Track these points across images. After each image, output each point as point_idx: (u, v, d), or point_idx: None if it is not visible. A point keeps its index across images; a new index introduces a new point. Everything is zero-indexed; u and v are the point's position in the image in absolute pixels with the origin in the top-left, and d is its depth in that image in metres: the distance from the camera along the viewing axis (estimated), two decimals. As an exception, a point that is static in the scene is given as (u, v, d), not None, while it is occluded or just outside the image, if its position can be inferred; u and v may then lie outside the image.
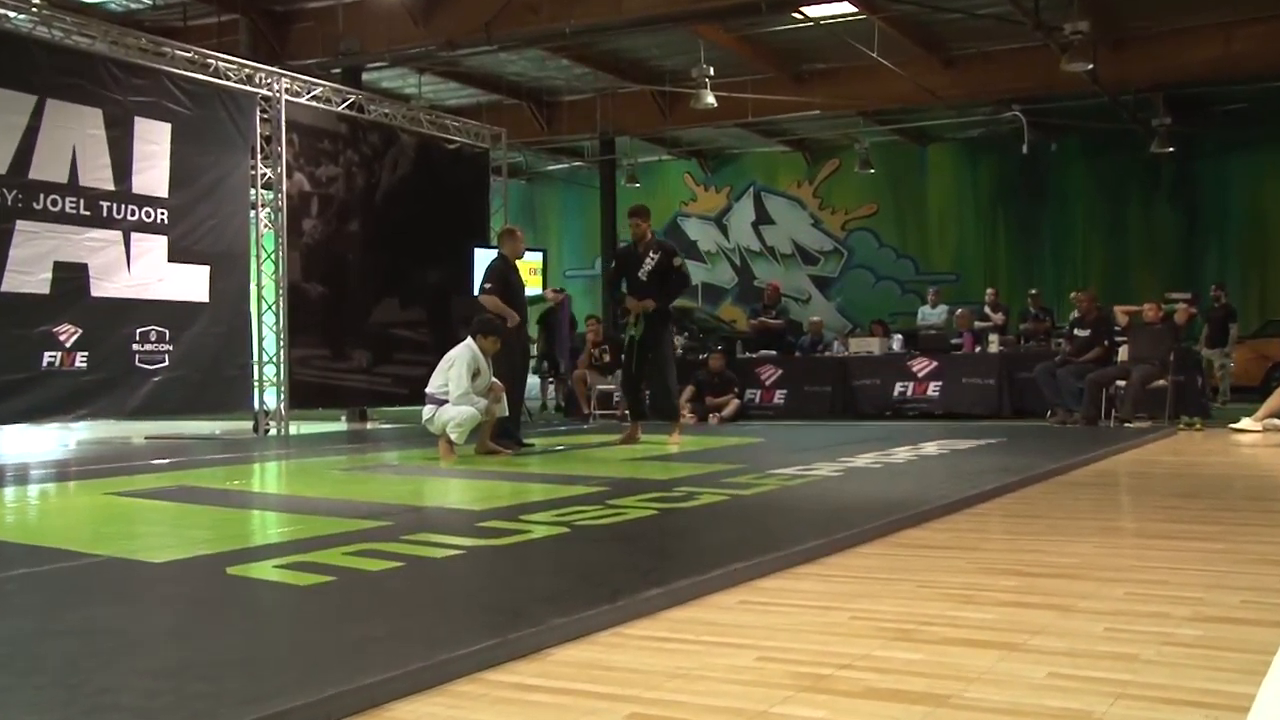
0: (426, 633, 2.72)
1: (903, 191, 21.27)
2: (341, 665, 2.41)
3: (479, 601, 3.16)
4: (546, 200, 24.07)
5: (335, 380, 12.27)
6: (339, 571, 3.46)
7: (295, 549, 3.89)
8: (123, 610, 3.05)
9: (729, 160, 22.83)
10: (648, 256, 8.92)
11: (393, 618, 2.89)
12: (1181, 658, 2.55)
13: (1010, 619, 2.92)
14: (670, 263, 8.90)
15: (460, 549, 3.88)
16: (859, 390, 12.97)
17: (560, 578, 3.43)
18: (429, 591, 3.25)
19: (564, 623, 2.78)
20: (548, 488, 5.97)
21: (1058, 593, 3.23)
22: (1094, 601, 3.11)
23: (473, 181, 14.30)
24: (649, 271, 8.88)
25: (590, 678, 2.47)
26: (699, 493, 5.39)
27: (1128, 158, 19.20)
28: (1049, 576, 3.47)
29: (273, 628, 2.92)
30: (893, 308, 20.00)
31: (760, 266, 22.40)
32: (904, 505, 4.85)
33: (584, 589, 3.19)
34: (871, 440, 8.97)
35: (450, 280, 13.48)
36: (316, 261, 12.14)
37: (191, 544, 4.11)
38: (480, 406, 7.78)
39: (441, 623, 2.84)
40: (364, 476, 6.99)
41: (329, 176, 12.33)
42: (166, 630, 2.86)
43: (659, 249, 8.97)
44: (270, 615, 3.07)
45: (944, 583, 3.38)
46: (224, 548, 3.99)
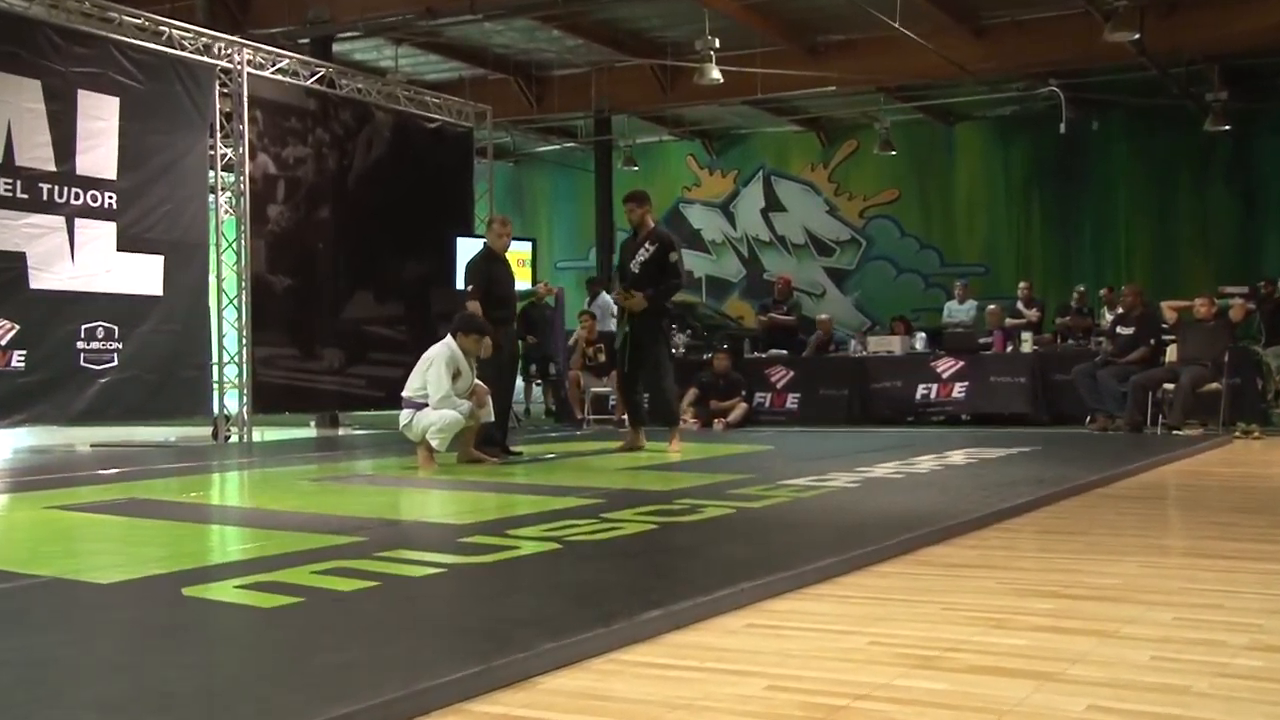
0: (404, 659, 2.71)
1: (927, 175, 21.28)
2: (309, 696, 2.41)
3: (461, 625, 3.15)
4: (536, 184, 24.06)
5: (304, 382, 12.26)
6: (307, 592, 3.46)
7: (259, 567, 3.88)
8: (66, 637, 3.04)
9: (736, 141, 22.83)
10: (643, 246, 8.92)
11: (366, 643, 2.89)
12: (1238, 690, 2.55)
13: (1045, 646, 2.92)
14: (665, 255, 8.91)
15: (441, 567, 3.87)
16: (878, 393, 12.97)
17: (550, 598, 3.43)
18: (406, 614, 3.25)
19: (554, 648, 2.77)
20: (537, 500, 5.96)
21: (1098, 617, 3.23)
22: (1139, 627, 3.11)
23: (455, 164, 14.30)
24: (643, 262, 8.89)
25: (583, 708, 2.46)
26: (703, 505, 5.39)
27: (1178, 136, 19.19)
28: (1089, 599, 3.47)
29: (233, 655, 2.92)
30: (916, 303, 19.98)
31: (770, 258, 22.41)
32: (927, 520, 4.85)
33: (576, 611, 3.18)
34: (892, 448, 8.97)
35: (430, 272, 13.48)
36: (283, 251, 12.14)
37: (143, 563, 4.10)
38: (463, 410, 7.78)
39: (420, 648, 2.84)
40: (335, 488, 6.98)
41: (296, 158, 12.33)
42: (115, 659, 2.85)
43: (656, 239, 8.97)
44: (231, 641, 3.06)
45: (972, 605, 3.38)
46: (179, 566, 3.98)
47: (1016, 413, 12.30)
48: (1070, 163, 20.00)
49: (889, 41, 15.97)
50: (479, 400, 8.00)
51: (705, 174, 23.07)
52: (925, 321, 17.43)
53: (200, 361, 11.11)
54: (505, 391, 8.75)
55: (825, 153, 22.09)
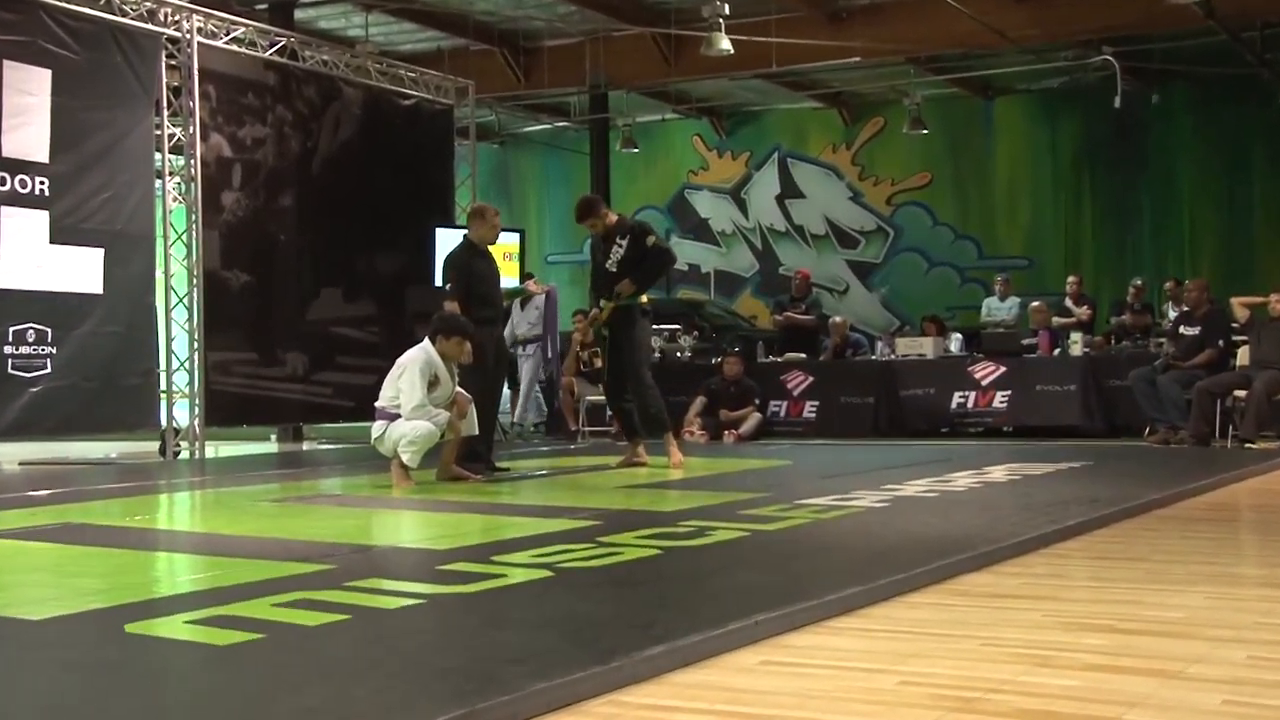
0: (375, 702, 2.70)
1: (963, 157, 21.29)
2: (268, 743, 2.39)
3: (441, 663, 3.15)
4: (524, 169, 24.09)
5: (263, 390, 12.27)
6: (268, 627, 3.45)
7: (213, 600, 3.87)
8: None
9: (748, 120, 22.85)
10: (615, 242, 8.98)
11: (335, 684, 2.88)
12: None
13: (1099, 687, 2.91)
14: (643, 244, 8.96)
15: (418, 598, 3.87)
16: (908, 402, 12.98)
17: (541, 633, 3.42)
18: (379, 651, 3.24)
19: (546, 688, 2.76)
20: (526, 522, 5.95)
21: (1160, 655, 3.22)
22: (1207, 666, 3.10)
23: (433, 146, 14.31)
24: (620, 260, 8.95)
25: (578, 758, 2.45)
26: (711, 528, 5.39)
27: (1250, 110, 19.18)
28: (1148, 634, 3.46)
29: (183, 699, 2.91)
30: (950, 300, 20.00)
31: (786, 250, 22.42)
32: (965, 544, 4.85)
33: (570, 647, 3.18)
34: (924, 463, 8.96)
35: (406, 268, 13.49)
36: (239, 244, 12.14)
37: (80, 596, 4.10)
38: (439, 422, 7.79)
39: (394, 690, 2.83)
40: (299, 509, 6.97)
41: (254, 139, 12.34)
42: (49, 704, 2.84)
43: (626, 232, 9.02)
44: (181, 683, 3.05)
45: (1015, 640, 3.37)
46: (122, 600, 3.97)
47: (1065, 424, 12.29)
48: (1126, 141, 20.01)
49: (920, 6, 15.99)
50: (460, 411, 7.99)
51: (714, 156, 23.09)
52: (961, 321, 17.43)
53: (145, 368, 11.12)
54: (490, 401, 8.75)
55: (848, 132, 22.10)
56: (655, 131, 22.76)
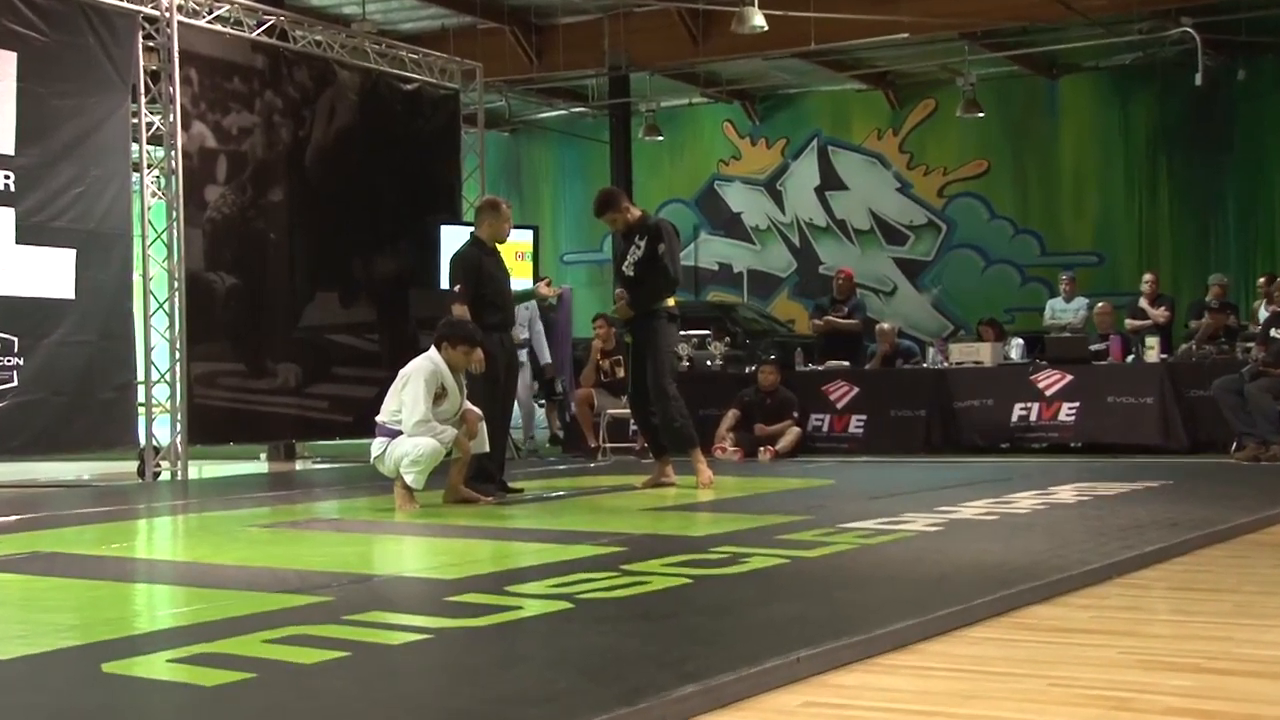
0: (377, 749, 2.71)
1: (1024, 142, 21.25)
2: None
3: (449, 704, 3.15)
4: (537, 159, 24.15)
5: (252, 405, 12.31)
6: (259, 665, 3.46)
7: (198, 636, 3.88)
8: (-39, 721, 3.05)
9: (784, 104, 22.85)
10: (634, 243, 9.00)
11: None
12: None
13: (1182, 729, 2.90)
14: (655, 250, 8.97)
15: (424, 632, 3.87)
16: (964, 414, 12.94)
17: (559, 671, 3.42)
18: (381, 691, 3.24)
19: (565, 734, 2.76)
20: (542, 548, 5.95)
21: (1252, 698, 3.19)
22: (1304, 708, 3.08)
23: (438, 135, 14.35)
24: (636, 261, 8.98)
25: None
26: (747, 554, 5.39)
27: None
28: (1239, 674, 3.44)
29: (166, 743, 2.92)
30: (1010, 301, 19.96)
31: (827, 247, 22.42)
32: (1029, 572, 4.83)
33: (591, 686, 3.17)
34: (982, 482, 8.93)
35: (409, 269, 13.52)
36: (225, 243, 12.19)
37: (53, 632, 4.11)
38: (445, 438, 7.80)
39: (397, 735, 2.83)
40: (292, 535, 6.98)
41: (241, 128, 12.40)
42: (21, 747, 2.86)
43: (644, 232, 9.04)
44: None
45: (1087, 681, 3.35)
46: (98, 636, 3.98)
47: (1141, 439, 12.22)
48: (1208, 122, 19.92)
49: (975, -24, 15.97)
50: (470, 427, 8.01)
51: (746, 144, 23.10)
52: (1022, 325, 17.37)
53: (122, 380, 11.15)
54: (502, 415, 8.76)
55: (895, 116, 22.08)
56: (682, 117, 22.79)
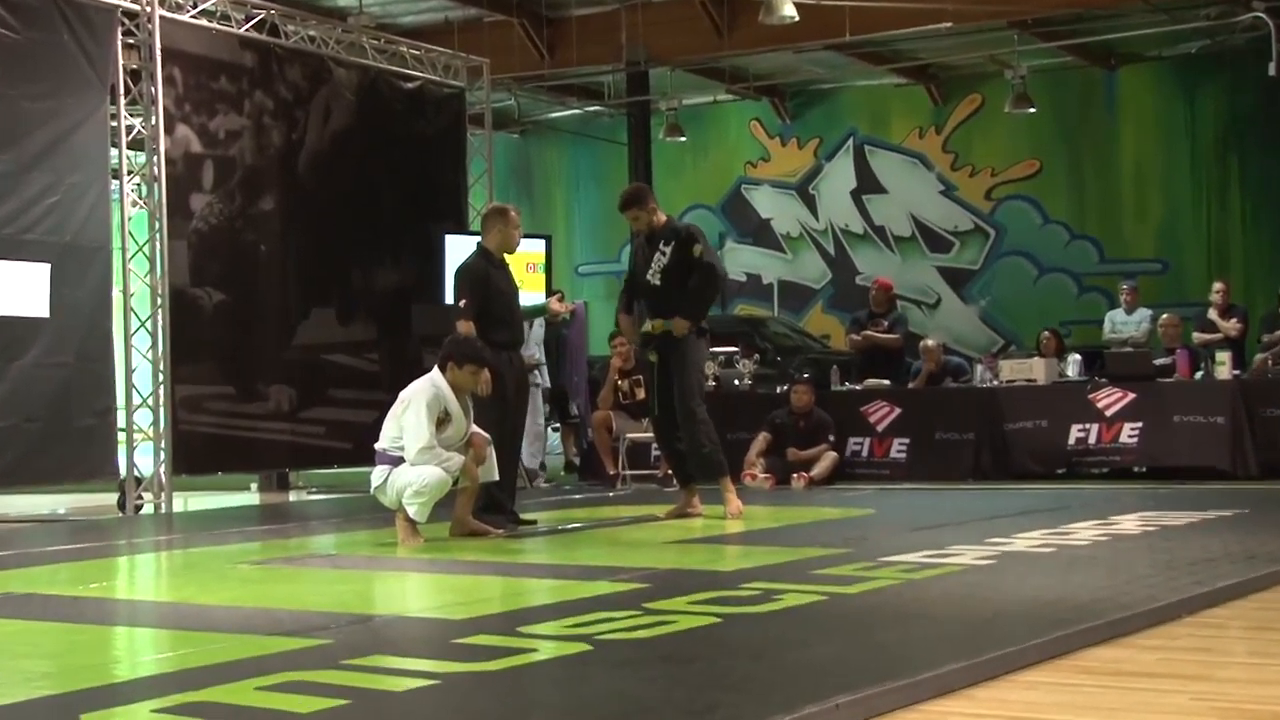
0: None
1: (1080, 140, 21.18)
2: None
3: (457, 757, 3.15)
4: (550, 162, 24.17)
5: (242, 431, 12.32)
6: (252, 715, 3.46)
7: (185, 683, 3.89)
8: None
9: (817, 100, 22.84)
10: (658, 250, 8.99)
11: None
12: None
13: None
14: (689, 254, 8.95)
15: (430, 678, 3.87)
16: (1016, 437, 12.89)
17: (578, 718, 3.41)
18: (383, 743, 3.25)
19: (584, 788, 2.76)
20: (557, 585, 5.97)
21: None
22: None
23: (442, 137, 14.37)
24: (664, 269, 8.95)
25: None
26: (780, 591, 5.39)
27: None
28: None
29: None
30: (1065, 313, 19.86)
31: (865, 255, 22.37)
32: (1089, 610, 4.82)
33: (613, 737, 3.17)
34: (1037, 511, 8.91)
35: (411, 283, 13.53)
36: (212, 256, 12.22)
37: (26, 680, 4.12)
38: (451, 466, 7.80)
39: (402, 789, 2.84)
40: (286, 573, 7.00)
41: (229, 131, 12.43)
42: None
43: (672, 236, 9.03)
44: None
45: (1154, 726, 3.35)
46: (76, 685, 3.99)
47: (1211, 463, 12.16)
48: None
49: (1024, -40, 15.95)
50: (477, 453, 8.01)
51: (776, 145, 23.09)
52: (1079, 339, 17.30)
53: (101, 406, 11.18)
54: (512, 441, 8.77)
55: (938, 113, 22.05)
56: (706, 116, 22.78)
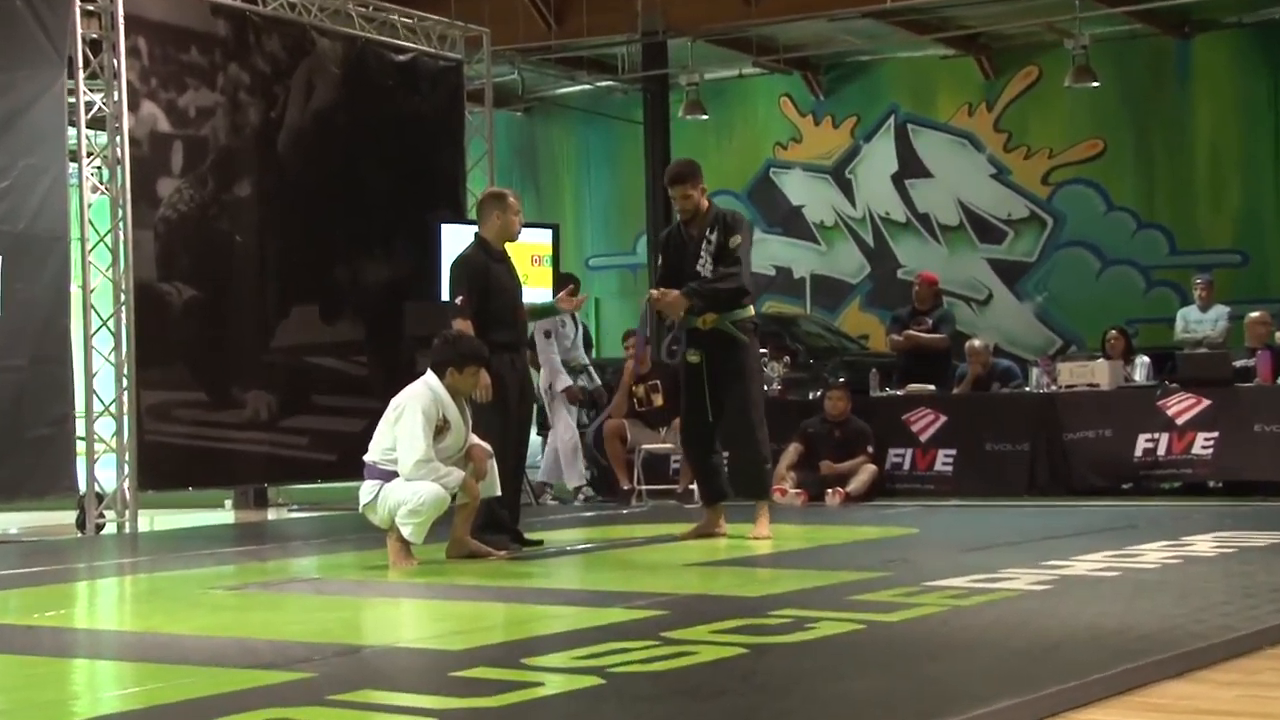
0: None
1: (1149, 117, 21.12)
2: None
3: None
4: (557, 144, 24.17)
5: (215, 441, 12.32)
6: (225, 754, 3.48)
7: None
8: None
9: (854, 74, 22.82)
10: (705, 238, 9.00)
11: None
12: None
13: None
14: (725, 243, 8.98)
15: (426, 715, 3.89)
16: (1076, 448, 12.85)
17: (589, 762, 3.43)
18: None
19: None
20: (566, 612, 5.97)
21: None
22: None
23: (438, 115, 14.37)
24: (710, 259, 8.95)
25: None
26: (814, 619, 5.39)
27: None
28: None
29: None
30: (1132, 311, 19.82)
31: (907, 246, 22.34)
32: (1158, 641, 4.82)
33: (628, 780, 3.18)
34: (1099, 531, 8.91)
35: (403, 277, 13.52)
36: (183, 247, 12.21)
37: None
38: (450, 481, 7.79)
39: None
40: (265, 599, 7.00)
41: (200, 108, 12.43)
42: None
43: (717, 222, 9.05)
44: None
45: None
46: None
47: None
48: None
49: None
50: (478, 466, 8.00)
51: (808, 124, 23.07)
52: (1147, 339, 17.27)
53: (58, 414, 11.18)
54: (515, 452, 8.77)
55: (990, 88, 22.02)
56: (730, 92, 22.78)
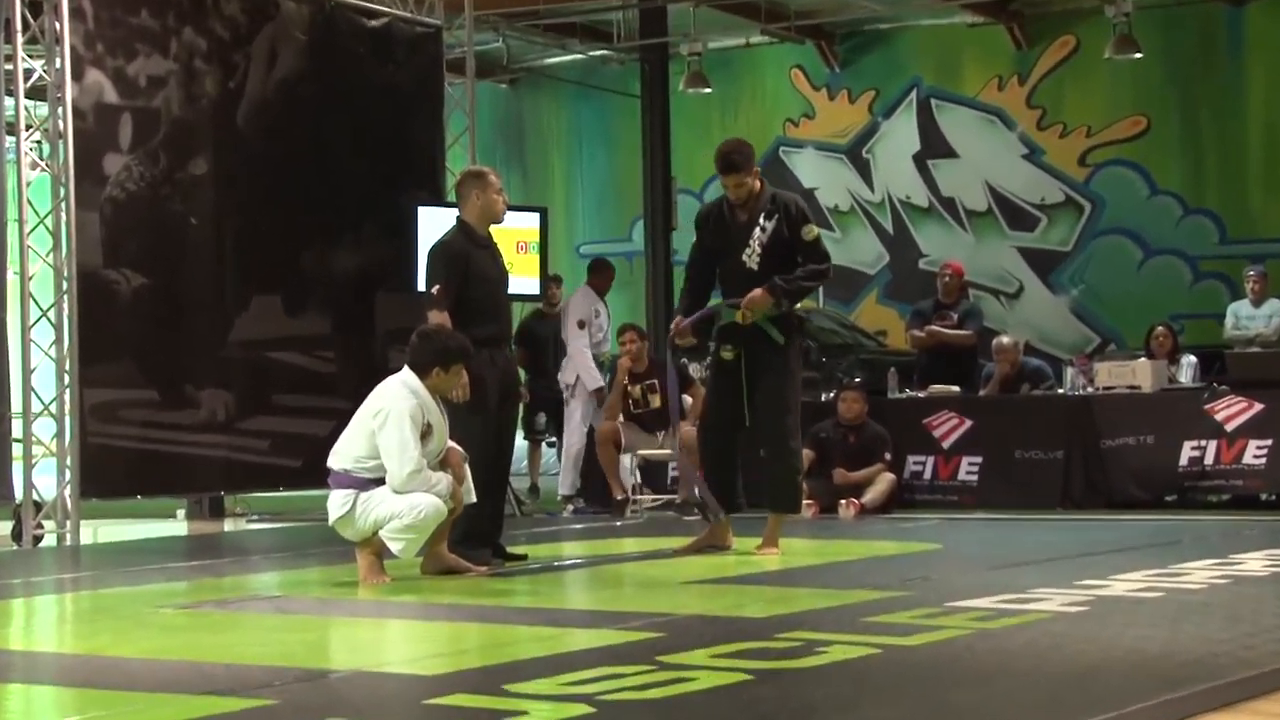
0: None
1: (1196, 92, 21.09)
2: None
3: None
4: (546, 119, 24.16)
5: (166, 445, 12.30)
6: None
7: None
8: None
9: (873, 43, 22.82)
10: (757, 225, 8.97)
11: None
12: None
13: None
14: (797, 233, 8.95)
15: (394, 747, 3.89)
16: (1115, 456, 12.85)
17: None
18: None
19: None
20: (552, 634, 5.97)
21: None
22: None
23: (414, 86, 14.35)
24: (761, 249, 8.93)
25: None
26: (825, 642, 5.40)
27: None
28: None
29: None
30: (1177, 305, 19.82)
31: (929, 234, 22.34)
32: (1204, 669, 4.84)
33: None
34: (1140, 548, 8.93)
35: (375, 265, 13.51)
36: (131, 231, 12.20)
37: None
38: (442, 489, 7.78)
39: None
40: (220, 618, 7.00)
41: (151, 77, 12.41)
42: None
43: (775, 208, 9.01)
44: None
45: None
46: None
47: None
48: None
49: None
50: (456, 473, 7.99)
51: (822, 98, 23.07)
52: (1195, 336, 17.26)
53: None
54: (496, 459, 8.76)
55: (1022, 59, 22.01)
56: (737, 63, 22.77)
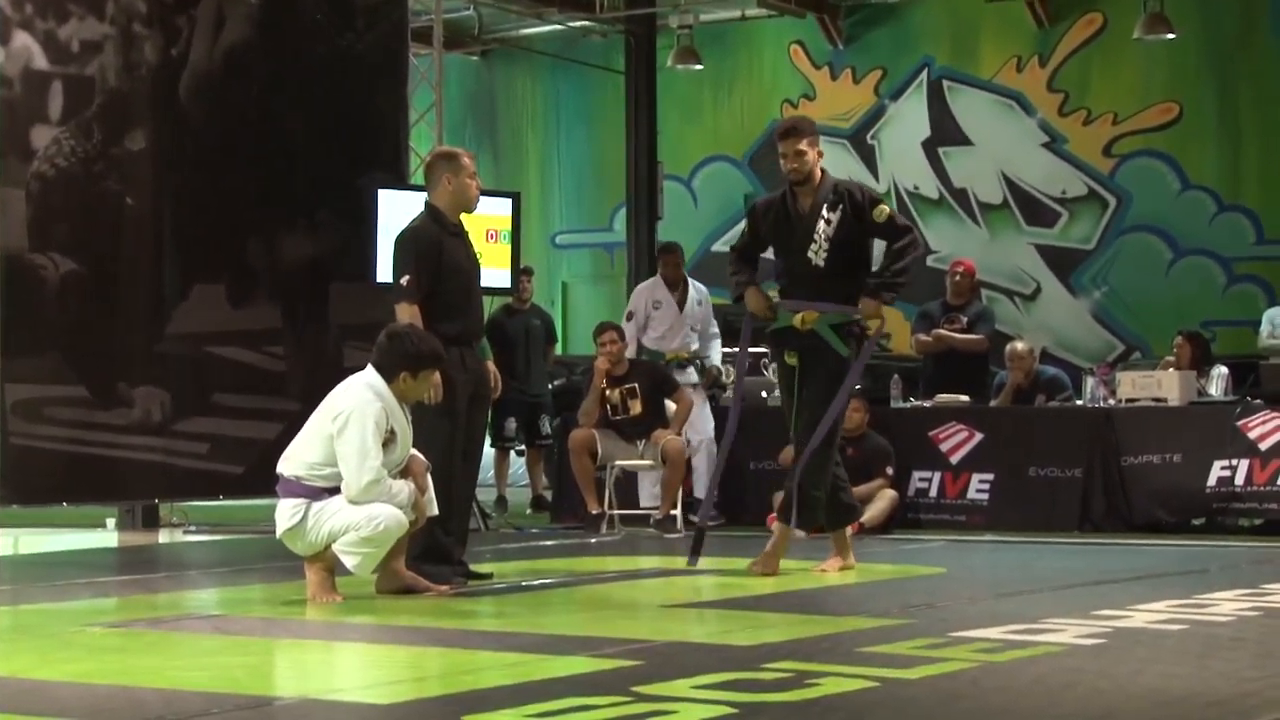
0: None
1: (1234, 77, 21.12)
2: None
3: None
4: (521, 95, 24.15)
5: (96, 448, 12.28)
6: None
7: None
8: None
9: (881, 18, 22.85)
10: (820, 218, 8.99)
11: None
12: None
13: None
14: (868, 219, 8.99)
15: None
16: (1137, 475, 12.87)
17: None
18: None
19: None
20: (518, 660, 5.97)
21: None
22: None
23: (375, 58, 14.34)
24: (827, 243, 8.96)
25: None
26: (817, 673, 5.41)
27: None
28: None
29: None
30: (1209, 311, 19.87)
31: (939, 228, 22.37)
32: (1233, 709, 4.87)
33: None
34: (1163, 575, 8.95)
35: (330, 253, 13.49)
36: (61, 211, 12.18)
37: None
38: (403, 500, 7.79)
39: None
40: (153, 639, 6.99)
41: (85, 42, 12.40)
42: None
43: (838, 198, 9.03)
44: None
45: None
46: None
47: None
48: None
49: None
50: (417, 482, 7.99)
51: (824, 77, 23.11)
52: (1227, 345, 17.30)
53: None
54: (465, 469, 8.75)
55: (1044, 38, 22.05)
56: (731, 37, 22.79)
